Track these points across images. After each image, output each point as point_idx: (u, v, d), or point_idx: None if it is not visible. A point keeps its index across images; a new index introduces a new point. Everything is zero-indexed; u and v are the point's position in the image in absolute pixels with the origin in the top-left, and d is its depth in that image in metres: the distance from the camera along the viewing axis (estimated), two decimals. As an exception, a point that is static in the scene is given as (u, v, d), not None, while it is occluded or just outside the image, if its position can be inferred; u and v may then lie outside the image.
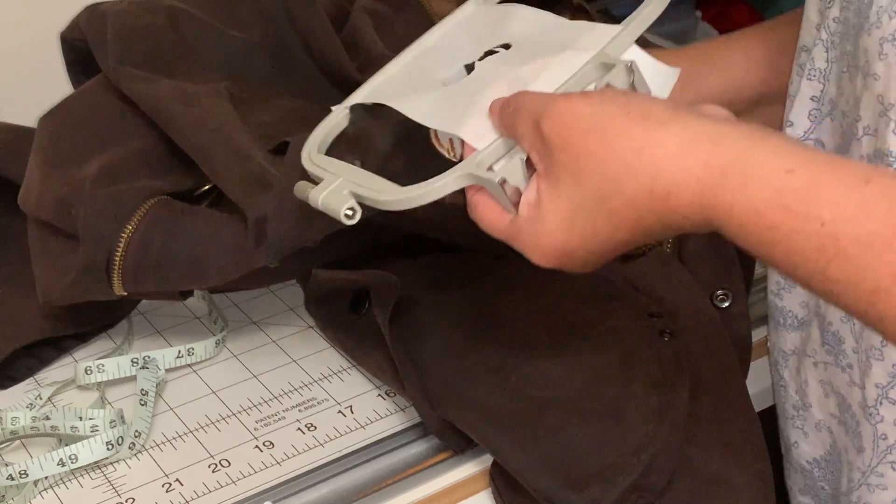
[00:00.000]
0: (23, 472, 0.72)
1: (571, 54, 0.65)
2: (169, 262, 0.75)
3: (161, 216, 0.76)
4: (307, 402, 0.80)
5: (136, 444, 0.76)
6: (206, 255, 0.75)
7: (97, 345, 0.86)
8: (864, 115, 0.68)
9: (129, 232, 0.75)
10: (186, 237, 0.75)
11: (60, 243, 0.79)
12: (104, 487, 0.73)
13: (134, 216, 0.76)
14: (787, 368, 0.81)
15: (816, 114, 0.74)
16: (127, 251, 0.75)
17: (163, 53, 0.85)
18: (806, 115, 0.74)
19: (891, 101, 0.66)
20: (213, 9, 0.90)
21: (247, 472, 0.74)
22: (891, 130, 0.66)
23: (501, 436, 0.72)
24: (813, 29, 0.73)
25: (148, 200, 0.77)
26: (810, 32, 0.74)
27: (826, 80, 0.72)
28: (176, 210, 0.77)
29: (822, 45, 0.72)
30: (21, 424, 0.76)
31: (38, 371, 0.83)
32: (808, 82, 0.73)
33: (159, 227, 0.75)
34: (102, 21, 0.86)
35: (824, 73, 0.72)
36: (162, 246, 0.75)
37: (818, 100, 0.73)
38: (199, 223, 0.75)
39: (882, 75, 0.66)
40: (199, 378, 0.82)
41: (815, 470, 0.80)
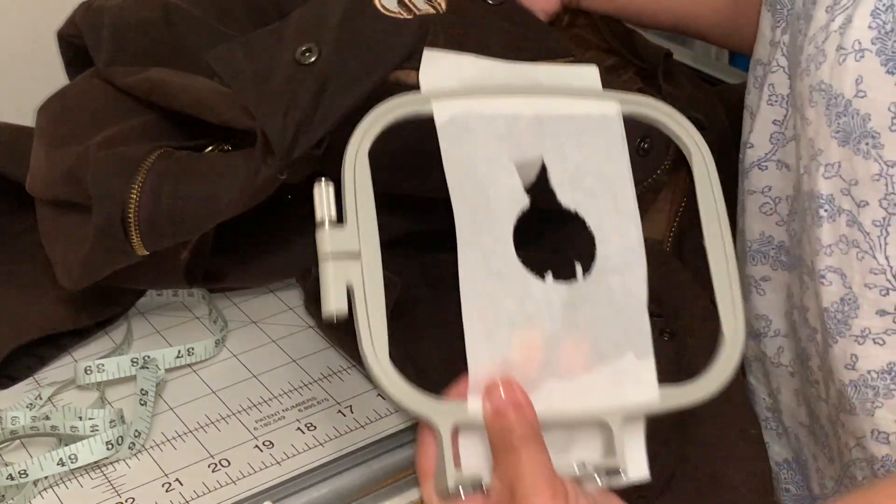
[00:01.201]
0: (22, 472, 0.72)
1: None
2: (182, 204, 0.75)
3: (168, 164, 0.75)
4: (307, 402, 0.80)
5: (136, 444, 0.76)
6: (217, 191, 0.74)
7: (97, 344, 0.86)
8: (803, 154, 0.70)
9: (138, 184, 0.75)
10: (195, 178, 0.75)
11: (74, 218, 0.79)
12: (104, 487, 0.73)
13: (141, 169, 0.75)
14: (751, 374, 0.82)
15: (780, 137, 0.75)
16: (140, 204, 0.74)
17: (157, 50, 0.85)
18: (767, 138, 0.76)
19: (819, 146, 0.68)
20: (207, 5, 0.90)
21: (247, 472, 0.74)
22: (821, 175, 0.68)
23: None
24: (767, 44, 0.75)
25: (152, 154, 0.76)
26: (764, 47, 0.76)
27: (790, 105, 0.74)
28: (181, 157, 0.76)
29: (782, 71, 0.73)
30: (21, 424, 0.76)
31: (38, 370, 0.83)
32: (770, 107, 0.75)
33: (168, 174, 0.75)
34: (98, 17, 0.86)
35: (786, 98, 0.74)
36: (172, 191, 0.74)
37: (781, 124, 0.75)
38: (206, 163, 0.75)
39: (813, 121, 0.68)
40: (199, 378, 0.82)
41: (782, 471, 0.81)
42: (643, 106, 0.66)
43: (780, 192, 0.77)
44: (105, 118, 0.82)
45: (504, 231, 0.61)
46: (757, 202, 0.78)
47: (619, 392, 0.60)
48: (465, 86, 0.64)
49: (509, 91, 0.65)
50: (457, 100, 0.63)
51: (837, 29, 0.66)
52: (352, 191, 0.60)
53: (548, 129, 0.64)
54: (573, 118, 0.65)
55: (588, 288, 0.61)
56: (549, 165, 0.63)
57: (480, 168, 0.62)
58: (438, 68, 0.65)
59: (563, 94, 0.66)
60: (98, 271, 0.78)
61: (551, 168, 0.63)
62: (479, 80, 0.65)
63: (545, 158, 0.63)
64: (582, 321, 0.61)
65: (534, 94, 0.65)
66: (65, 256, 0.80)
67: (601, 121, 0.65)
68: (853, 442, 0.72)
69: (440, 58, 0.65)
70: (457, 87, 0.64)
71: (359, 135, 0.61)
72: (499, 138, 0.63)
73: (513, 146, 0.63)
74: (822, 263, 0.69)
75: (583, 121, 0.65)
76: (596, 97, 0.66)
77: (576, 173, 0.64)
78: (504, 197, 0.62)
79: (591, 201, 0.63)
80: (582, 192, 0.63)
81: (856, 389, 0.70)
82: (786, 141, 0.75)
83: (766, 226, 0.78)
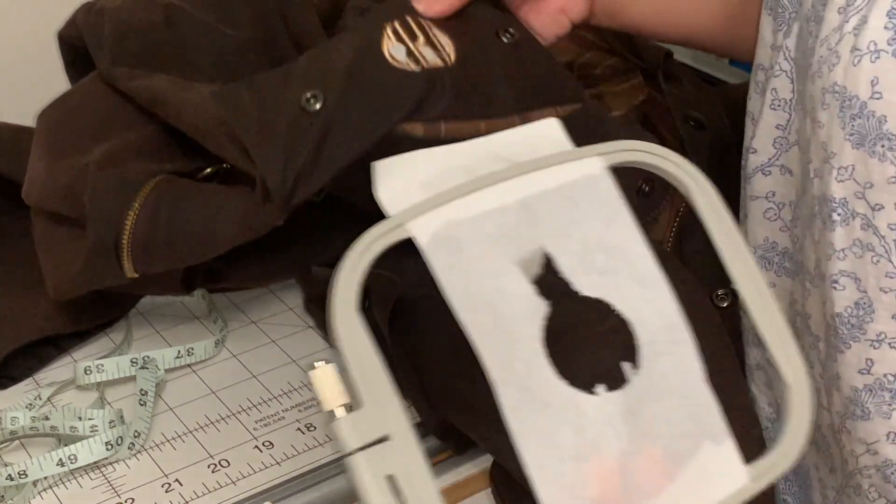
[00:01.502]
0: (22, 473, 0.72)
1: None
2: (177, 235, 0.74)
3: (167, 191, 0.75)
4: (307, 402, 0.80)
5: (136, 445, 0.75)
6: (214, 225, 0.74)
7: (97, 345, 0.86)
8: (813, 157, 0.69)
9: (135, 209, 0.75)
10: (193, 209, 0.74)
11: (68, 231, 0.79)
12: (103, 488, 0.73)
13: (140, 193, 0.75)
14: (753, 383, 0.82)
15: (783, 142, 0.74)
16: (135, 228, 0.74)
17: (158, 51, 0.85)
18: (770, 143, 0.75)
19: (833, 150, 0.66)
20: (208, 6, 0.90)
21: (246, 473, 0.74)
22: (833, 178, 0.67)
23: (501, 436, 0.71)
24: (768, 48, 0.74)
25: (153, 179, 0.76)
26: (766, 51, 0.74)
27: (792, 110, 0.73)
28: (181, 185, 0.76)
29: (785, 76, 0.72)
30: (20, 424, 0.76)
31: (38, 371, 0.83)
32: (773, 111, 0.73)
33: (166, 201, 0.75)
34: (99, 18, 0.86)
35: (789, 103, 0.73)
36: (169, 220, 0.74)
37: (784, 128, 0.74)
38: (206, 195, 0.75)
39: (825, 123, 0.67)
40: (199, 378, 0.82)
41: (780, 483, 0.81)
42: (625, 152, 0.61)
43: (783, 197, 0.76)
44: (105, 129, 0.82)
45: (533, 352, 0.55)
46: (761, 208, 0.77)
47: (710, 489, 0.55)
48: (428, 187, 0.59)
49: (482, 182, 0.59)
50: (432, 212, 0.58)
51: (852, 30, 0.65)
52: (354, 361, 0.54)
53: (538, 212, 0.59)
54: (559, 190, 0.59)
55: (641, 385, 0.56)
56: (552, 253, 0.58)
57: (483, 283, 0.56)
58: (394, 177, 0.60)
59: (538, 166, 0.60)
60: (86, 287, 0.78)
61: (556, 255, 0.58)
62: (441, 177, 0.60)
63: (546, 246, 0.58)
64: (647, 426, 0.55)
65: (507, 176, 0.59)
66: (55, 268, 0.80)
67: (589, 183, 0.60)
68: (861, 449, 0.71)
69: (391, 165, 0.61)
70: (420, 191, 0.59)
71: (340, 295, 0.55)
72: (491, 240, 0.57)
73: (508, 245, 0.57)
74: (834, 268, 0.69)
75: (569, 189, 0.59)
76: (574, 157, 0.60)
77: (583, 253, 0.58)
78: (520, 311, 0.56)
79: (611, 280, 0.57)
80: (596, 273, 0.58)
81: (871, 393, 0.69)
82: (789, 146, 0.74)
83: (771, 231, 0.77)
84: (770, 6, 0.74)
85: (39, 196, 0.80)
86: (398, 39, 0.70)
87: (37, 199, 0.81)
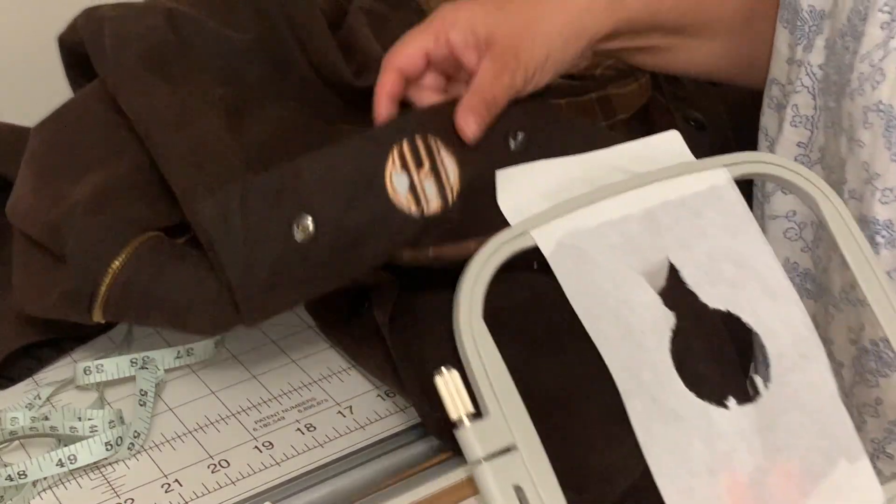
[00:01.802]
0: (22, 473, 0.72)
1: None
2: (151, 304, 0.75)
3: (149, 257, 0.75)
4: (307, 403, 0.80)
5: (136, 445, 0.75)
6: (187, 315, 0.74)
7: (96, 345, 0.85)
8: (849, 178, 0.67)
9: (115, 268, 0.75)
10: (171, 283, 0.75)
11: (44, 259, 0.79)
12: (103, 488, 0.73)
13: (123, 252, 0.75)
14: None
15: (804, 160, 0.72)
16: (112, 286, 0.75)
17: (161, 56, 0.85)
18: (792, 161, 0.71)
19: (876, 170, 0.64)
20: (212, 9, 0.90)
21: (246, 473, 0.74)
22: (877, 200, 0.65)
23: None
24: (784, 63, 0.72)
25: (139, 236, 0.76)
26: (781, 66, 0.72)
27: (815, 127, 0.71)
28: (165, 252, 0.76)
29: (806, 91, 0.70)
30: (20, 425, 0.76)
31: (37, 371, 0.83)
32: (794, 129, 0.71)
33: (146, 268, 0.75)
34: (100, 26, 0.85)
35: (811, 120, 0.71)
36: (145, 291, 0.75)
37: (806, 146, 0.72)
38: (187, 270, 0.75)
39: (868, 143, 0.64)
40: (199, 378, 0.82)
41: None
42: (750, 164, 0.60)
43: (804, 216, 0.74)
44: (99, 155, 0.81)
45: (662, 361, 0.55)
46: (780, 227, 0.75)
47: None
48: (549, 197, 0.58)
49: (605, 192, 0.58)
50: (555, 221, 0.57)
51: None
52: (480, 369, 0.53)
53: (662, 221, 0.58)
54: (684, 201, 0.59)
55: (773, 399, 0.55)
56: (677, 264, 0.57)
57: (608, 292, 0.56)
58: (515, 187, 0.60)
59: (662, 177, 0.59)
60: (53, 317, 0.79)
61: (681, 266, 0.57)
62: (562, 187, 0.59)
63: (671, 257, 0.57)
64: (781, 441, 0.54)
65: (631, 186, 0.59)
66: (28, 287, 0.80)
67: (714, 194, 0.59)
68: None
69: (512, 175, 0.60)
70: (541, 201, 0.58)
71: (464, 304, 0.55)
72: (615, 250, 0.57)
73: (632, 254, 0.57)
74: None
75: (695, 200, 0.59)
76: (698, 168, 0.60)
77: (710, 264, 0.57)
78: (647, 320, 0.55)
79: (739, 293, 0.57)
80: (724, 284, 0.57)
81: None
82: (811, 164, 0.72)
83: (791, 251, 0.75)
84: (786, 19, 0.72)
85: (23, 223, 0.80)
86: (403, 166, 0.69)
87: (20, 224, 0.81)
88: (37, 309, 0.79)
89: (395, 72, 0.73)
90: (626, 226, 0.57)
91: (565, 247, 0.56)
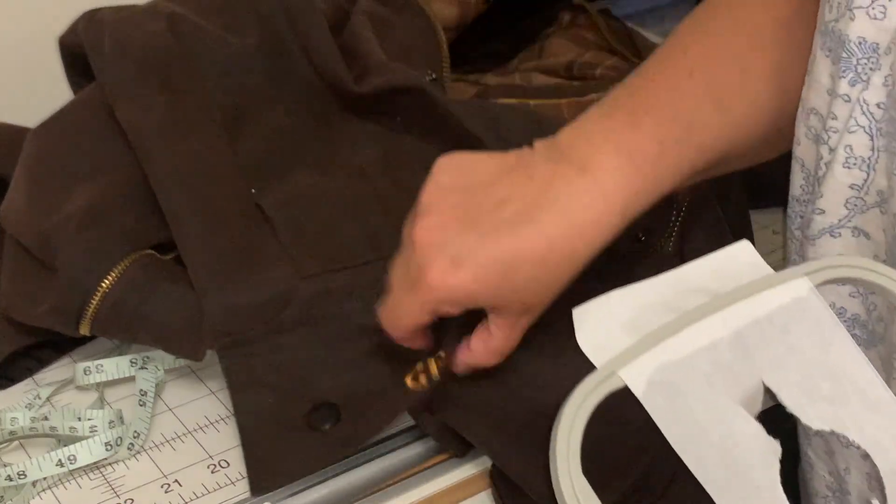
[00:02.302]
0: (21, 473, 0.72)
1: None
2: (139, 323, 0.76)
3: (141, 277, 0.76)
4: (307, 403, 0.80)
5: (135, 445, 0.75)
6: (177, 329, 0.75)
7: (96, 345, 0.85)
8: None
9: (106, 286, 0.75)
10: (161, 305, 0.75)
11: (34, 268, 0.79)
12: (103, 488, 0.73)
13: (114, 270, 0.75)
14: (810, 447, 0.76)
15: (858, 202, 0.67)
16: (101, 303, 0.75)
17: (161, 62, 0.84)
18: (842, 203, 0.68)
19: None
20: (213, 14, 0.90)
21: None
22: None
23: (501, 439, 0.71)
24: (824, 94, 0.67)
25: (131, 254, 0.76)
26: (821, 97, 0.67)
27: (871, 169, 0.66)
28: (156, 272, 0.76)
29: (863, 132, 0.65)
30: (20, 425, 0.76)
31: (37, 371, 0.83)
32: (847, 170, 0.66)
33: (137, 288, 0.76)
34: (100, 30, 0.85)
35: (868, 161, 0.66)
36: (136, 308, 0.75)
37: (860, 188, 0.67)
38: (178, 292, 0.75)
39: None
40: (199, 378, 0.82)
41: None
42: (831, 269, 0.58)
43: None
44: (94, 165, 0.81)
45: (775, 496, 0.53)
46: None
47: None
48: (630, 328, 0.57)
49: (688, 319, 0.56)
50: (642, 356, 0.55)
51: None
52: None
53: (751, 342, 0.56)
54: (769, 317, 0.56)
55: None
56: (773, 387, 0.55)
57: (709, 428, 0.54)
58: (593, 323, 0.58)
59: (744, 295, 0.57)
60: (40, 325, 0.79)
61: (778, 388, 0.55)
62: (641, 315, 0.58)
63: (765, 380, 0.55)
64: None
65: (714, 309, 0.57)
66: (13, 297, 0.80)
67: (798, 307, 0.57)
68: None
69: (588, 311, 0.59)
70: (622, 334, 0.57)
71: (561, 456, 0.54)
72: (708, 380, 0.55)
73: (726, 382, 0.55)
74: None
75: (779, 316, 0.57)
76: (779, 281, 0.58)
77: (805, 383, 0.55)
78: (754, 454, 0.53)
79: (840, 410, 0.55)
80: (824, 402, 0.55)
81: None
82: (866, 207, 0.67)
83: (838, 297, 0.70)
84: (829, 47, 0.66)
85: (16, 231, 0.80)
86: (422, 376, 0.72)
87: (12, 230, 0.81)
88: (23, 317, 0.79)
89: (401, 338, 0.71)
90: (716, 352, 0.55)
91: (656, 384, 0.55)
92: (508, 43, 1.07)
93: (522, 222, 0.64)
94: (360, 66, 0.89)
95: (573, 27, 1.06)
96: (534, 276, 0.65)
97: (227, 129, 0.83)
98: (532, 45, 1.06)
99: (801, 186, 0.71)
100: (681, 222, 0.81)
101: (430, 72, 0.93)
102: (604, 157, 0.66)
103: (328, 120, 0.89)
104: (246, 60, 0.88)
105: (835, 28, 0.65)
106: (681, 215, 0.81)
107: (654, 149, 0.67)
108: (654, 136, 0.67)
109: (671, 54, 0.71)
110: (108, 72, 0.84)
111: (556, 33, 1.06)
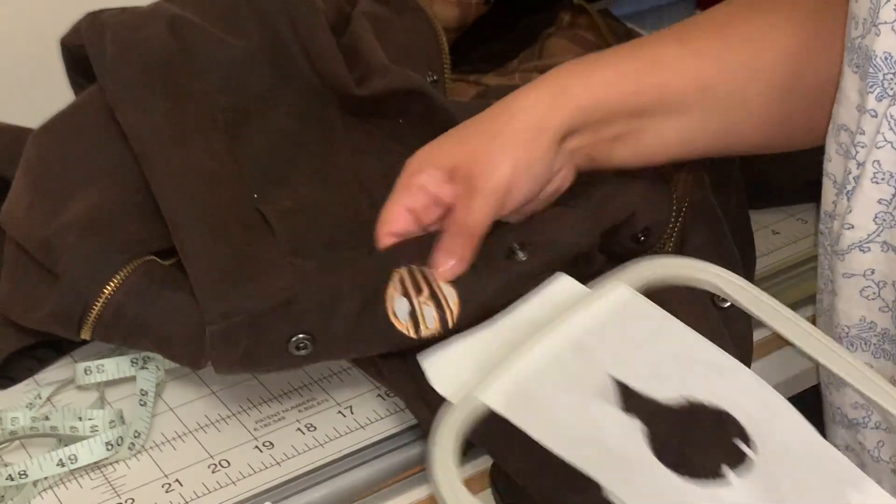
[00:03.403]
0: (22, 473, 0.72)
1: None
2: (140, 330, 0.75)
3: (143, 284, 0.75)
4: (307, 403, 0.80)
5: (136, 445, 0.75)
6: (177, 337, 0.75)
7: (97, 345, 0.85)
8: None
9: (107, 293, 0.75)
10: (163, 313, 0.75)
11: (35, 272, 0.78)
12: (104, 488, 0.73)
13: (116, 277, 0.75)
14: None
15: (887, 217, 0.68)
16: (103, 311, 0.75)
17: (162, 66, 0.84)
18: (871, 218, 0.69)
19: None
20: (215, 16, 0.90)
21: (246, 473, 0.74)
22: None
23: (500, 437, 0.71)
24: (853, 110, 0.68)
25: (133, 261, 0.76)
26: (850, 113, 0.68)
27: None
28: (158, 280, 0.76)
29: (890, 147, 0.66)
30: (20, 425, 0.76)
31: (38, 371, 0.83)
32: (875, 185, 0.67)
33: (138, 295, 0.75)
34: (102, 33, 0.85)
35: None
36: (137, 315, 0.75)
37: (889, 203, 0.67)
38: (180, 300, 0.75)
39: None
40: (199, 378, 0.82)
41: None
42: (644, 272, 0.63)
43: (884, 276, 0.70)
44: (96, 169, 0.81)
45: (653, 465, 0.56)
46: (857, 286, 0.71)
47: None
48: (479, 369, 0.62)
49: (531, 343, 0.62)
50: (497, 380, 0.60)
51: None
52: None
53: (591, 346, 0.61)
54: (604, 324, 0.62)
55: (768, 460, 0.56)
56: (621, 378, 0.59)
57: (573, 422, 0.58)
58: (444, 371, 0.65)
59: (575, 311, 0.63)
60: (40, 329, 0.79)
61: (625, 378, 0.59)
62: (487, 356, 0.63)
63: (612, 374, 0.59)
64: (790, 497, 0.55)
65: (551, 329, 0.62)
66: (13, 300, 0.80)
67: (626, 308, 0.62)
68: None
69: (437, 361, 0.66)
70: (470, 374, 0.62)
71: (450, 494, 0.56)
72: (561, 385, 0.59)
73: (577, 383, 0.59)
74: None
75: (613, 319, 0.62)
76: (604, 293, 0.63)
77: (650, 368, 0.60)
78: (620, 434, 0.57)
79: (690, 382, 0.59)
80: (672, 379, 0.59)
81: None
82: (894, 222, 0.67)
83: (868, 311, 0.71)
84: (856, 64, 0.67)
85: (17, 235, 0.80)
86: (403, 293, 0.70)
87: (13, 233, 0.80)
88: (23, 320, 0.79)
89: (391, 237, 0.72)
90: (562, 361, 0.60)
91: (515, 398, 0.59)
92: (508, 43, 1.07)
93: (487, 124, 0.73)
94: (361, 69, 0.89)
95: (573, 28, 1.06)
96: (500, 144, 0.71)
97: (228, 133, 0.83)
98: (532, 46, 1.06)
99: (833, 202, 0.71)
100: (681, 222, 0.81)
101: (430, 73, 0.93)
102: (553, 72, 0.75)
103: (329, 123, 0.89)
104: (247, 63, 0.88)
105: (861, 44, 0.65)
106: (681, 215, 0.81)
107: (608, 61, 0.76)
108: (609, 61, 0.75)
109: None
110: (110, 76, 0.83)
111: (556, 34, 1.06)
